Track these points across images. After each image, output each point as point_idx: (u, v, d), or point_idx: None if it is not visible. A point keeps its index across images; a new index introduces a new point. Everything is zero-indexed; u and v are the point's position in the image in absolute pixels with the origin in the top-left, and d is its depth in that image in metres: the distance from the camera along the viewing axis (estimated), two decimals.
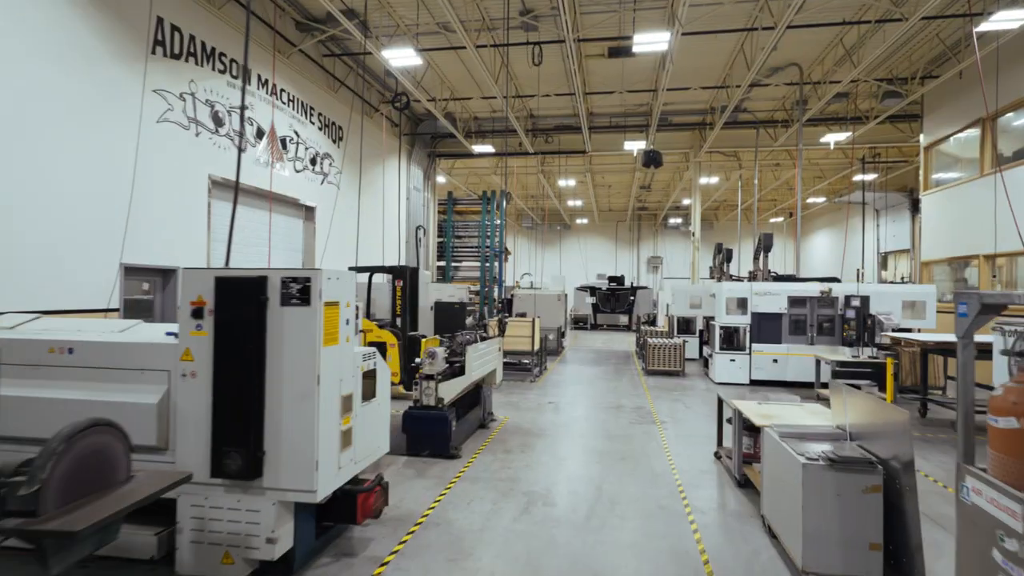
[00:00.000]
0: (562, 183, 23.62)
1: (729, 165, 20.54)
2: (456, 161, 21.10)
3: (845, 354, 9.93)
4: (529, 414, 8.19)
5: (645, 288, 25.76)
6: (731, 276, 15.00)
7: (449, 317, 10.54)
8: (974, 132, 11.81)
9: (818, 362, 9.73)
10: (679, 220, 32.54)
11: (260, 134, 10.13)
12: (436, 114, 14.11)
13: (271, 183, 9.96)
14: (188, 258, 8.31)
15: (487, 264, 18.97)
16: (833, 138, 14.70)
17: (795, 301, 10.78)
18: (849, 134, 14.52)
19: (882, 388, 9.98)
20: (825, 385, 9.59)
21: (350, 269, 10.09)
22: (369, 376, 3.96)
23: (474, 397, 7.32)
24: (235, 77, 9.46)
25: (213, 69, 9.00)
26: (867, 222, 21.11)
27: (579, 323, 26.17)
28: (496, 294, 18.77)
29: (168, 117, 8.09)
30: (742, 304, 11.04)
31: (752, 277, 13.00)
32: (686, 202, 27.92)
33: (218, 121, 9.08)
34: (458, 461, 5.91)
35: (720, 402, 6.09)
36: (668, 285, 25.14)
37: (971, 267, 12.37)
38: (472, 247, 19.82)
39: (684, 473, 5.61)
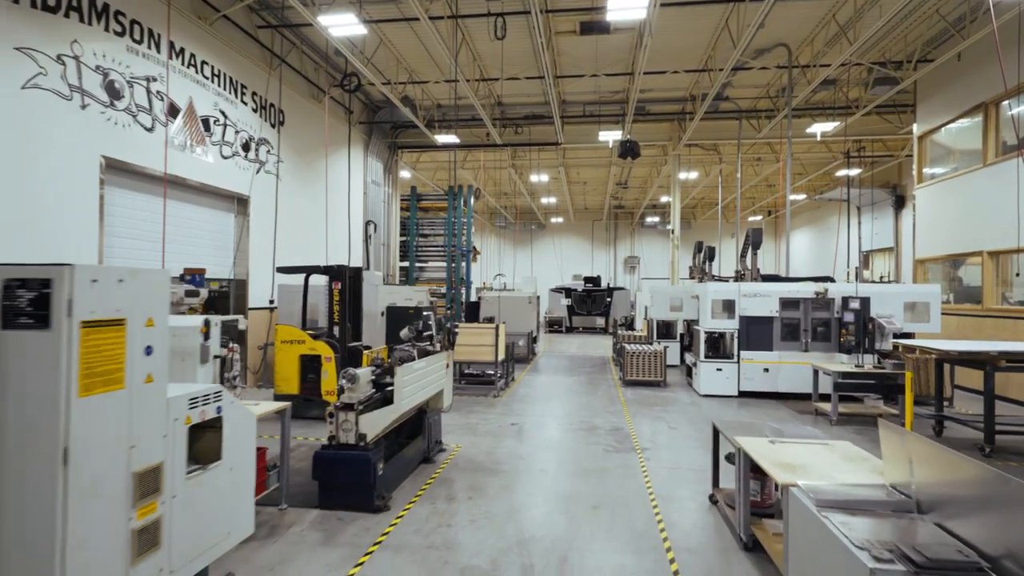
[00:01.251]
0: (534, 178, 22.37)
1: (709, 160, 19.57)
2: (422, 154, 19.69)
3: (844, 362, 8.90)
4: (486, 440, 6.89)
5: (622, 289, 24.70)
6: (714, 276, 13.96)
7: (404, 324, 9.23)
8: (968, 121, 10.93)
9: (816, 372, 8.63)
10: (656, 219, 31.66)
11: (174, 111, 8.62)
12: (392, 99, 12.71)
13: (166, 165, 8.37)
14: (74, 255, 6.81)
15: (454, 264, 17.61)
16: (820, 128, 13.75)
17: (787, 303, 9.69)
18: (837, 124, 13.59)
19: (887, 401, 8.97)
20: (824, 397, 8.50)
21: (279, 270, 8.58)
22: (208, 428, 2.61)
23: (416, 424, 5.99)
24: (137, 42, 7.94)
25: (107, 30, 7.47)
26: (850, 219, 20.36)
27: (553, 326, 24.97)
28: (463, 296, 17.44)
29: (39, 83, 6.55)
30: (729, 307, 9.90)
31: (739, 277, 11.93)
32: (664, 200, 26.99)
33: (114, 93, 7.55)
34: (385, 516, 4.57)
35: (716, 434, 4.88)
36: (646, 286, 24.13)
37: (967, 265, 11.51)
38: (438, 246, 18.40)
39: (674, 529, 4.37)
